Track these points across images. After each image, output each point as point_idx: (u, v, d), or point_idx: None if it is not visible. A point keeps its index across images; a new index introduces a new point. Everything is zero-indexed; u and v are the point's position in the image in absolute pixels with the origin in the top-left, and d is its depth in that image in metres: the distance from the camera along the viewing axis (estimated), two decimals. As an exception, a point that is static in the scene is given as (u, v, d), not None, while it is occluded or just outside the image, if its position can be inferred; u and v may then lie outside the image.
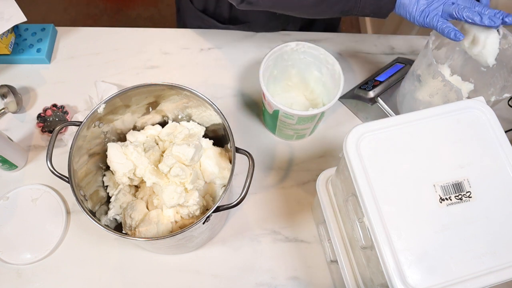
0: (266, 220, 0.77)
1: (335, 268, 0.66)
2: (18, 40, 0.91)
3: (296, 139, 0.83)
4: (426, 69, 0.66)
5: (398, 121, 0.50)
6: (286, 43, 0.74)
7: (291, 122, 0.74)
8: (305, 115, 0.70)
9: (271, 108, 0.73)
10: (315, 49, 0.75)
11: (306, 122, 0.74)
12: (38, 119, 0.83)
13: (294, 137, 0.82)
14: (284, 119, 0.74)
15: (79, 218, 0.76)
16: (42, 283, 0.71)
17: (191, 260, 0.74)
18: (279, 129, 0.79)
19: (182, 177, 0.63)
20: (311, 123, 0.76)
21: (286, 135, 0.82)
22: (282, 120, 0.74)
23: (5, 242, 0.73)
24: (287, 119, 0.73)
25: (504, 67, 0.68)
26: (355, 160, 0.48)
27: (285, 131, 0.79)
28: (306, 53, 0.76)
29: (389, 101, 0.81)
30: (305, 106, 0.84)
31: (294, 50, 0.75)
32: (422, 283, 0.43)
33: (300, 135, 0.81)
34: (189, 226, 0.55)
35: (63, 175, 0.60)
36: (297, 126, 0.75)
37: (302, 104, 0.84)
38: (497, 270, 0.44)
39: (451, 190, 0.47)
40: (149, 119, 0.74)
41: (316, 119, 0.75)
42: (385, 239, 0.44)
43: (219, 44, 0.94)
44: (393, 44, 0.97)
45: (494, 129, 0.50)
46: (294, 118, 0.71)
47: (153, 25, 1.98)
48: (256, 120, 0.86)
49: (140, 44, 0.94)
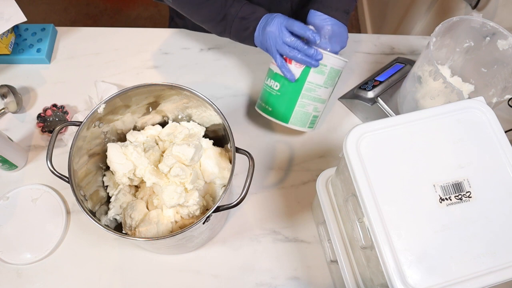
0: (266, 220, 0.77)
1: (335, 268, 0.66)
2: (18, 40, 0.91)
3: (310, 126, 0.78)
4: (427, 71, 0.66)
5: (398, 121, 0.50)
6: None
7: (319, 82, 0.72)
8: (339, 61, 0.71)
9: (299, 69, 0.71)
10: None
11: (332, 82, 0.74)
12: (38, 119, 0.83)
13: (309, 120, 0.77)
14: (313, 80, 0.72)
15: (79, 218, 0.76)
16: (42, 283, 0.71)
17: (191, 260, 0.74)
18: (299, 105, 0.74)
19: (182, 177, 0.63)
20: (331, 87, 0.75)
21: (303, 117, 0.76)
22: (310, 81, 0.72)
23: (5, 242, 0.73)
24: (317, 75, 0.71)
25: (505, 68, 0.68)
26: (355, 160, 0.48)
27: (306, 107, 0.75)
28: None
29: (389, 101, 0.81)
30: None
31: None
32: (422, 283, 0.43)
33: (314, 117, 0.77)
34: (189, 226, 0.55)
35: (63, 175, 0.60)
36: (322, 91, 0.73)
37: None
38: (497, 270, 0.44)
39: (451, 190, 0.47)
40: (149, 119, 0.74)
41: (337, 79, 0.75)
42: (385, 239, 0.44)
43: (219, 44, 0.94)
44: (393, 44, 0.97)
45: (494, 129, 0.50)
46: (326, 70, 0.71)
47: (153, 25, 1.99)
48: (256, 120, 0.86)
49: (140, 44, 0.94)
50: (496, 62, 0.69)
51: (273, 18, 0.70)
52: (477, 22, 0.68)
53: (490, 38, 0.69)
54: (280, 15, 0.70)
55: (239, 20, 0.72)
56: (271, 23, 0.69)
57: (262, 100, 0.78)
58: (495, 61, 0.70)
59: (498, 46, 0.68)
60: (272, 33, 0.69)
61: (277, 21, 0.69)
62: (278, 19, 0.69)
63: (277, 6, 0.83)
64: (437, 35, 0.67)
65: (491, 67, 0.71)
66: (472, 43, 0.72)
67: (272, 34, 0.69)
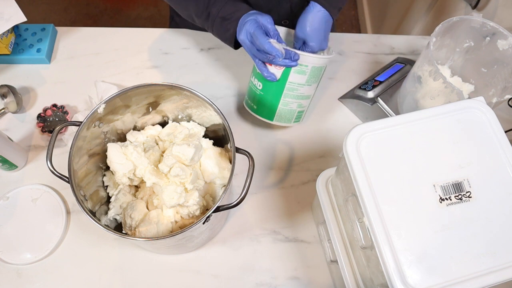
0: (266, 220, 0.77)
1: (335, 268, 0.66)
2: (18, 40, 0.91)
3: (295, 121, 0.79)
4: (427, 71, 0.66)
5: (398, 121, 0.50)
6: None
7: (301, 81, 0.72)
8: (319, 60, 0.70)
9: (279, 70, 0.71)
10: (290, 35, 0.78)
11: (316, 79, 0.74)
12: (38, 119, 0.83)
13: (294, 116, 0.78)
14: (294, 80, 0.72)
15: (79, 218, 0.76)
16: (42, 283, 0.71)
17: (191, 260, 0.74)
18: (282, 104, 0.75)
19: (182, 177, 0.63)
20: (315, 84, 0.75)
21: (287, 115, 0.77)
22: (292, 82, 0.72)
23: (5, 242, 0.73)
24: (298, 75, 0.71)
25: (505, 68, 0.68)
26: (355, 160, 0.48)
27: (289, 105, 0.75)
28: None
29: (389, 101, 0.81)
30: None
31: None
32: (422, 283, 0.43)
33: (300, 113, 0.78)
34: (189, 226, 0.55)
35: (63, 175, 0.60)
36: (305, 89, 0.73)
37: None
38: (497, 270, 0.44)
39: (451, 190, 0.47)
40: (149, 119, 0.74)
41: (321, 75, 0.75)
42: (385, 239, 0.44)
43: (219, 44, 0.94)
44: (393, 44, 0.97)
45: (494, 129, 0.50)
46: (307, 70, 0.70)
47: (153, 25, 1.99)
48: (256, 120, 0.86)
49: (140, 44, 0.94)
50: (496, 62, 0.69)
51: (243, 25, 0.67)
52: (477, 22, 0.68)
53: (490, 38, 0.69)
54: (250, 20, 0.67)
55: (220, 20, 0.70)
56: (240, 31, 0.67)
57: (248, 97, 0.80)
58: (495, 61, 0.70)
59: (498, 46, 0.68)
60: (243, 42, 0.68)
61: (245, 30, 0.67)
62: (247, 26, 0.66)
63: (276, 7, 0.83)
64: (437, 35, 0.67)
65: (491, 67, 0.71)
66: (472, 43, 0.72)
67: (244, 42, 0.68)
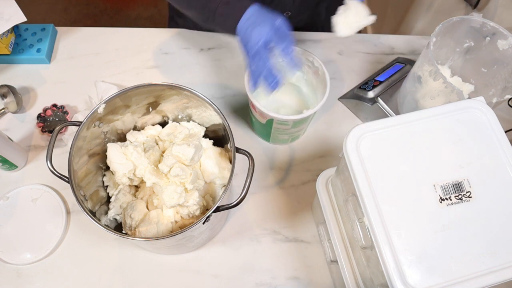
0: (266, 220, 0.77)
1: (335, 268, 0.66)
2: (18, 40, 0.91)
3: (291, 141, 0.83)
4: (427, 71, 0.66)
5: (398, 121, 0.50)
6: None
7: (286, 127, 0.73)
8: (300, 118, 0.69)
9: (264, 118, 0.72)
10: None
11: (301, 124, 0.74)
12: (38, 119, 0.83)
13: (289, 140, 0.82)
14: (279, 126, 0.73)
15: (79, 218, 0.76)
16: (42, 283, 0.71)
17: (191, 260, 0.74)
18: (273, 136, 0.79)
19: (182, 177, 0.63)
20: (305, 124, 0.76)
21: (282, 140, 0.81)
22: (277, 127, 0.74)
23: (5, 242, 0.73)
24: (282, 125, 0.72)
25: (505, 68, 0.68)
26: (355, 160, 0.48)
27: (280, 137, 0.79)
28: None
29: (389, 101, 0.81)
30: (294, 108, 0.82)
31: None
32: (422, 283, 0.43)
33: (294, 136, 0.81)
34: (189, 226, 0.55)
35: (63, 175, 0.60)
36: (292, 129, 0.75)
37: (290, 107, 0.82)
38: (497, 270, 0.44)
39: (451, 190, 0.47)
40: (149, 119, 0.74)
41: (310, 118, 0.75)
42: (385, 239, 0.44)
43: (219, 44, 0.94)
44: (393, 44, 0.97)
45: (494, 129, 0.50)
46: (289, 123, 0.71)
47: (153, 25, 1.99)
48: (256, 120, 0.87)
49: (140, 44, 0.94)
50: (496, 62, 0.69)
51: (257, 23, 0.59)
52: (477, 22, 0.68)
53: (490, 38, 0.69)
54: (267, 21, 0.59)
55: (224, 5, 0.63)
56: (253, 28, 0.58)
57: (250, 115, 0.81)
58: (495, 61, 0.70)
59: (498, 46, 0.68)
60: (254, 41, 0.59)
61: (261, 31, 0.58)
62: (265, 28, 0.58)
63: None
64: (437, 35, 0.67)
65: (491, 67, 0.71)
66: (472, 43, 0.72)
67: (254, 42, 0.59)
